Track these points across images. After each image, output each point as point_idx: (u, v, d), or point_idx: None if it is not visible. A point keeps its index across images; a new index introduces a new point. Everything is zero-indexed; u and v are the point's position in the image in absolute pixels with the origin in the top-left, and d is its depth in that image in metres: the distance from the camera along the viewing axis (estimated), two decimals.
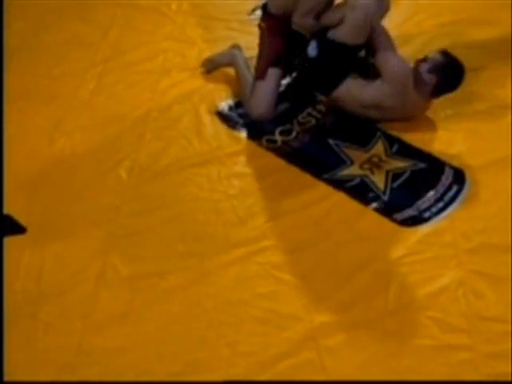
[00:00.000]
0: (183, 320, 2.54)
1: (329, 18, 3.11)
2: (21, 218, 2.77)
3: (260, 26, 3.29)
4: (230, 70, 3.48)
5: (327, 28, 3.11)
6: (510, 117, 3.17)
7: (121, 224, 2.87)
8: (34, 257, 2.72)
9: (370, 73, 3.16)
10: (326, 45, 3.12)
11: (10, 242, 2.65)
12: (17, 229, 2.70)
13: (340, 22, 3.05)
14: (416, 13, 3.79)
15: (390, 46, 3.15)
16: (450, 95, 3.12)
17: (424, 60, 3.07)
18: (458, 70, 3.06)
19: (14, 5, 3.92)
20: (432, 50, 3.17)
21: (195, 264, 2.69)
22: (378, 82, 3.09)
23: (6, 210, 2.67)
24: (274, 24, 3.21)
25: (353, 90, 3.12)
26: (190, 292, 2.61)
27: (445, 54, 3.08)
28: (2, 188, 2.76)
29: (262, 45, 3.27)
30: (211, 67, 3.50)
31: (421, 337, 2.44)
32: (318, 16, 3.13)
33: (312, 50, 3.14)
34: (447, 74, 3.04)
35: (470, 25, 3.70)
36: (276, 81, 3.21)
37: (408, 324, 2.50)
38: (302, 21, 3.13)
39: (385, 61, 3.10)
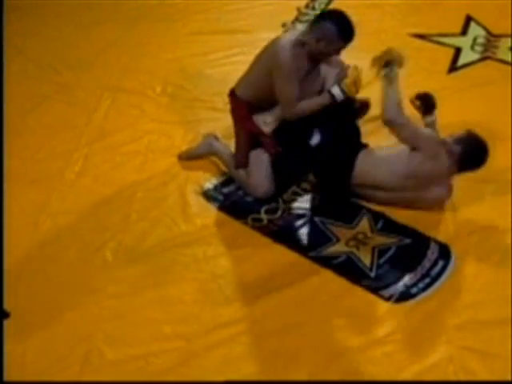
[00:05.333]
0: None
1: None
2: (4, 302, 2.74)
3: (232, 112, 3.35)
4: None
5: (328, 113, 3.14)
6: (491, 191, 3.22)
7: (106, 306, 2.84)
8: (17, 344, 2.67)
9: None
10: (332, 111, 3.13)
11: None
12: None
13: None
14: None
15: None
16: None
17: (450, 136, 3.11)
18: (482, 147, 3.06)
19: None
20: None
21: (181, 346, 2.66)
22: (409, 152, 3.07)
23: None
24: (243, 107, 3.27)
25: (381, 166, 3.10)
26: (176, 375, 2.57)
27: (470, 132, 3.11)
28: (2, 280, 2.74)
29: (236, 132, 3.35)
30: (189, 159, 3.51)
31: None
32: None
33: (315, 139, 3.18)
34: (472, 147, 3.05)
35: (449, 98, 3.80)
36: (263, 159, 3.22)
37: None
38: (291, 111, 3.14)
39: (413, 131, 3.08)
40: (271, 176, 3.21)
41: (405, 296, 2.80)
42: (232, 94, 3.34)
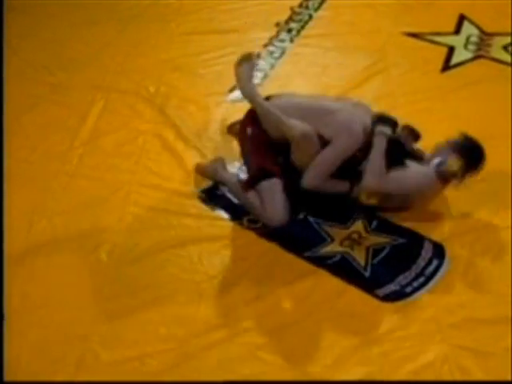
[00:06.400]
0: None
1: None
2: None
3: (240, 132, 3.26)
4: (213, 150, 3.53)
5: None
6: (487, 190, 3.22)
7: (101, 308, 2.84)
8: (12, 345, 2.65)
9: None
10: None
11: None
12: None
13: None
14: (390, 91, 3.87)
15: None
16: None
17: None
18: (477, 150, 3.02)
19: None
20: None
21: (176, 347, 2.66)
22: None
23: None
24: (261, 133, 3.14)
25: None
26: (172, 376, 2.56)
27: (464, 135, 3.04)
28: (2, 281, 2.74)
29: (244, 154, 3.22)
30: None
31: None
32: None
33: None
34: (470, 154, 3.00)
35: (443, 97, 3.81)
36: (275, 190, 3.05)
37: None
38: (315, 182, 3.05)
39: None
40: (286, 204, 3.06)
41: (399, 295, 2.80)
42: (254, 119, 3.18)
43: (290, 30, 4.49)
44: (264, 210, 3.07)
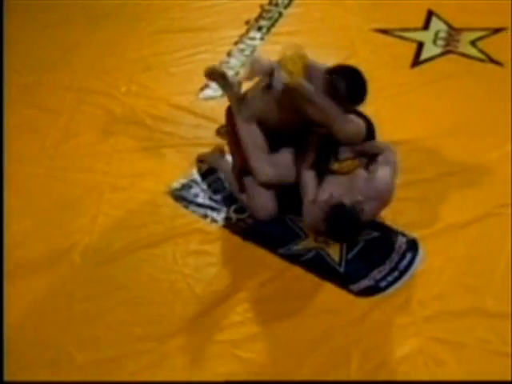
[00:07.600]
0: None
1: None
2: None
3: (227, 131, 3.26)
4: (185, 149, 3.54)
5: None
6: (457, 183, 3.26)
7: (75, 309, 2.82)
8: None
9: None
10: None
11: None
12: None
13: None
14: None
15: None
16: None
17: None
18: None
19: None
20: None
21: (152, 347, 2.65)
22: None
23: None
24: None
25: None
26: (148, 376, 2.56)
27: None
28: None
29: (232, 152, 3.25)
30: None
31: None
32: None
33: None
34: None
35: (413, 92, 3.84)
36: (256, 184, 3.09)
37: None
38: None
39: None
40: (273, 197, 3.09)
41: (374, 290, 2.82)
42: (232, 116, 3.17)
43: (260, 28, 4.50)
44: (251, 204, 3.12)
